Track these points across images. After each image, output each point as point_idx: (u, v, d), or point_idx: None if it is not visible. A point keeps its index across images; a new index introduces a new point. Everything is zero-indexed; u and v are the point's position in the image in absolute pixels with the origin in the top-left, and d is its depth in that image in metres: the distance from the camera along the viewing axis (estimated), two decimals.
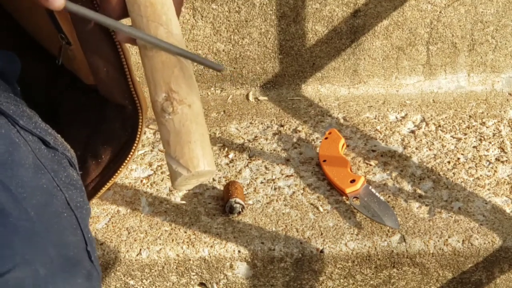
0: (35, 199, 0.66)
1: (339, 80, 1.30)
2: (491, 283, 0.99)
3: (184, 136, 0.64)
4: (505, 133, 1.16)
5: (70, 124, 0.93)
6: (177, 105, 0.64)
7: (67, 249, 0.66)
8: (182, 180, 0.64)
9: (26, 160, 0.68)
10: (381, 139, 1.16)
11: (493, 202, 1.02)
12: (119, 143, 0.92)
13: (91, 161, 0.92)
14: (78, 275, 0.66)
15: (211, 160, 0.64)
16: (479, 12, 1.25)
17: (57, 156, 0.73)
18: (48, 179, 0.69)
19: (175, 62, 0.65)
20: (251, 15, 1.24)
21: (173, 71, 0.65)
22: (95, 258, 0.71)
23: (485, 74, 1.30)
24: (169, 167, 0.65)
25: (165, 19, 0.66)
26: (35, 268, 0.62)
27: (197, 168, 0.63)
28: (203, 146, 0.64)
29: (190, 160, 0.63)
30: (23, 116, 0.72)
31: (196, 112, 0.65)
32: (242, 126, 1.21)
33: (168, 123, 0.64)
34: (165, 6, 0.67)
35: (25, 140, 0.70)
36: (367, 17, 1.24)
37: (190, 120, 0.64)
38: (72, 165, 0.75)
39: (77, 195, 0.72)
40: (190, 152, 0.63)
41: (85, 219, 0.73)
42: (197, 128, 0.64)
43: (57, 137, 0.76)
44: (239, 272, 0.98)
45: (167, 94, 0.64)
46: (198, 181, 0.67)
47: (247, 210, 1.02)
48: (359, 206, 1.00)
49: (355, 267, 0.98)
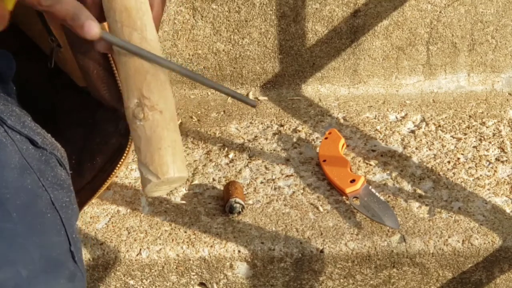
0: (19, 200, 0.65)
1: (339, 80, 1.30)
2: (491, 283, 0.99)
3: (154, 142, 0.63)
4: (505, 133, 1.16)
5: (67, 125, 0.93)
6: (148, 111, 0.64)
7: (50, 249, 0.66)
8: (152, 186, 0.64)
9: (12, 160, 0.68)
10: (381, 139, 1.16)
11: (493, 202, 1.02)
12: (113, 145, 0.92)
13: (86, 162, 0.92)
14: (61, 276, 0.66)
15: (181, 166, 0.64)
16: (479, 12, 1.25)
17: (45, 155, 0.73)
18: (33, 179, 0.69)
19: (147, 68, 0.65)
20: (251, 15, 1.24)
21: (145, 77, 0.64)
22: (79, 259, 0.70)
23: (485, 74, 1.30)
24: (140, 173, 0.65)
25: (139, 25, 0.66)
26: (16, 270, 0.61)
27: (166, 175, 0.63)
28: (174, 152, 0.64)
29: (160, 166, 0.63)
30: (12, 115, 0.72)
31: (167, 119, 0.64)
32: (242, 126, 1.21)
33: (139, 129, 0.64)
34: (140, 12, 0.66)
35: (12, 140, 0.70)
36: (367, 17, 1.24)
37: (161, 127, 0.64)
38: (61, 164, 0.75)
39: (63, 195, 0.72)
40: (159, 158, 0.63)
41: (71, 219, 0.72)
42: (168, 135, 0.64)
43: (46, 137, 0.75)
44: (239, 272, 0.98)
45: (139, 100, 0.64)
46: (170, 187, 0.67)
47: (247, 210, 1.02)
48: (359, 206, 1.00)
49: (355, 267, 0.98)
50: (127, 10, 0.66)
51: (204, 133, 1.19)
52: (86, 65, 0.83)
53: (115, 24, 0.66)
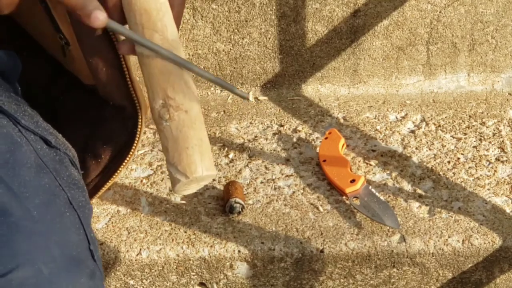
0: (37, 199, 0.66)
1: (339, 80, 1.30)
2: (491, 283, 0.99)
3: (181, 142, 0.64)
4: (505, 133, 1.16)
5: (70, 124, 0.93)
6: (174, 111, 0.64)
7: (70, 248, 0.67)
8: (182, 185, 0.65)
9: (28, 160, 0.68)
10: (381, 139, 1.16)
11: (493, 202, 1.02)
12: (118, 143, 0.92)
13: (91, 161, 0.93)
14: (81, 274, 0.67)
15: (210, 164, 0.65)
16: (479, 12, 1.25)
17: (59, 155, 0.73)
18: (50, 178, 0.69)
19: (171, 68, 0.65)
20: (251, 15, 1.24)
21: (169, 78, 0.65)
22: (98, 257, 0.71)
23: (485, 74, 1.30)
24: (169, 173, 0.65)
25: (160, 26, 0.66)
26: (38, 268, 0.62)
27: (195, 174, 0.63)
28: (201, 151, 0.64)
29: (188, 166, 0.63)
30: (25, 115, 0.72)
31: (193, 118, 0.65)
32: (242, 126, 1.21)
33: (165, 129, 0.64)
34: (160, 13, 0.66)
35: (27, 140, 0.70)
36: (367, 17, 1.24)
37: (187, 126, 0.64)
38: (73, 164, 0.76)
39: (79, 195, 0.72)
40: (187, 158, 0.63)
41: (88, 218, 0.73)
42: (195, 134, 0.64)
43: (59, 137, 0.76)
44: (239, 272, 0.98)
45: (164, 101, 0.64)
46: (199, 185, 0.67)
47: (247, 210, 1.02)
48: (359, 206, 1.00)
49: (355, 267, 0.98)
50: (147, 12, 0.66)
51: None
52: (95, 62, 0.83)
53: (136, 26, 0.66)
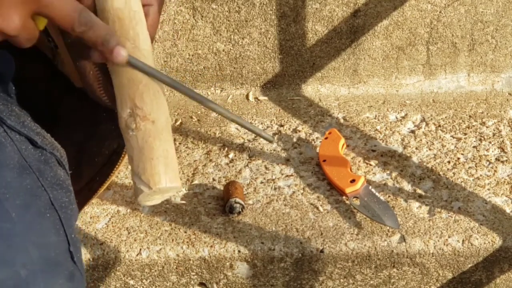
0: (18, 200, 0.65)
1: (339, 80, 1.30)
2: (491, 283, 0.99)
3: (146, 152, 0.64)
4: (505, 133, 1.16)
5: (67, 126, 0.93)
6: (140, 121, 0.64)
7: (48, 249, 0.66)
8: (145, 196, 0.64)
9: (11, 160, 0.68)
10: (381, 139, 1.16)
11: (493, 202, 1.02)
12: (112, 146, 0.92)
13: (85, 163, 0.93)
14: (60, 276, 0.66)
15: (174, 176, 0.64)
16: (479, 12, 1.25)
17: (45, 155, 0.73)
18: (32, 179, 0.69)
19: (141, 77, 0.65)
20: (251, 15, 1.24)
21: (138, 87, 0.65)
22: (78, 259, 0.70)
23: (485, 74, 1.30)
24: (133, 183, 0.65)
25: (132, 34, 0.66)
26: (15, 270, 0.62)
27: (158, 185, 0.63)
28: (166, 162, 0.64)
29: (152, 176, 0.63)
30: (11, 115, 0.72)
31: (160, 128, 0.64)
32: None
33: (131, 139, 0.64)
34: (133, 21, 0.66)
35: (12, 140, 0.70)
36: (367, 17, 1.24)
37: (153, 137, 0.64)
38: (60, 164, 0.75)
39: (62, 195, 0.72)
40: (152, 168, 0.63)
41: (70, 219, 0.72)
42: (161, 145, 0.64)
43: (46, 137, 0.76)
44: (239, 272, 0.98)
45: (131, 110, 0.64)
46: (163, 196, 0.67)
47: (247, 210, 1.02)
48: (359, 206, 1.00)
49: (355, 267, 0.98)
50: (120, 20, 0.66)
51: (204, 133, 1.19)
52: (82, 65, 0.83)
53: None
